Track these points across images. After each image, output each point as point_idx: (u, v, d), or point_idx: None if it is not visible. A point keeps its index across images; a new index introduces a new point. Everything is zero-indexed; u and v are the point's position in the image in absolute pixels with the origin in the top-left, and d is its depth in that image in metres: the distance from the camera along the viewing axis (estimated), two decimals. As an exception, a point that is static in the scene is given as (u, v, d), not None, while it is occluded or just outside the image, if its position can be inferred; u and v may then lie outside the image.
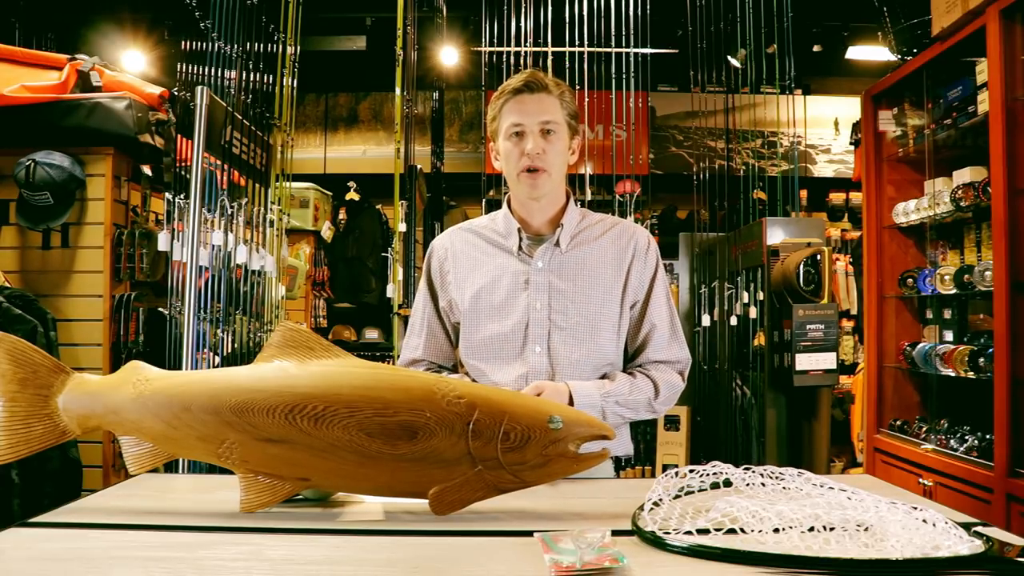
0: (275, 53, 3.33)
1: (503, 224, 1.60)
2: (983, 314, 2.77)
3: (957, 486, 2.45)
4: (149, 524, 1.05)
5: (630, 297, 1.56)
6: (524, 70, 1.56)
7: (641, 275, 1.57)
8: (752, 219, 4.00)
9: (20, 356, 1.11)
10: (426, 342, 1.65)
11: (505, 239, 1.58)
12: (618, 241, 1.58)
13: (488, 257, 1.59)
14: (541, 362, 1.50)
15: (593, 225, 1.60)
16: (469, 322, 1.56)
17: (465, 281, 1.58)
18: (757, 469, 1.13)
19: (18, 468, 2.30)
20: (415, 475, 1.07)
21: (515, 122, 1.49)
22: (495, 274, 1.56)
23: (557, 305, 1.52)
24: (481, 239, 1.61)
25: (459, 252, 1.61)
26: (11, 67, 2.86)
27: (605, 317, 1.53)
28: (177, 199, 2.72)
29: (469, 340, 1.57)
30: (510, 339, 1.52)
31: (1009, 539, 0.93)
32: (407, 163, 3.84)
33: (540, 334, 1.51)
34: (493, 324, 1.54)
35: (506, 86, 1.52)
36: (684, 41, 4.30)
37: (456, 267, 1.60)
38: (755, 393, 3.79)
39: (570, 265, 1.54)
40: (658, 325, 1.57)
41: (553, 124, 1.49)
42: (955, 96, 2.66)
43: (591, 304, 1.52)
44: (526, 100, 1.49)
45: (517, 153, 1.50)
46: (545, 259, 1.54)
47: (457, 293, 1.58)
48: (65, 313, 2.81)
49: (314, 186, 5.26)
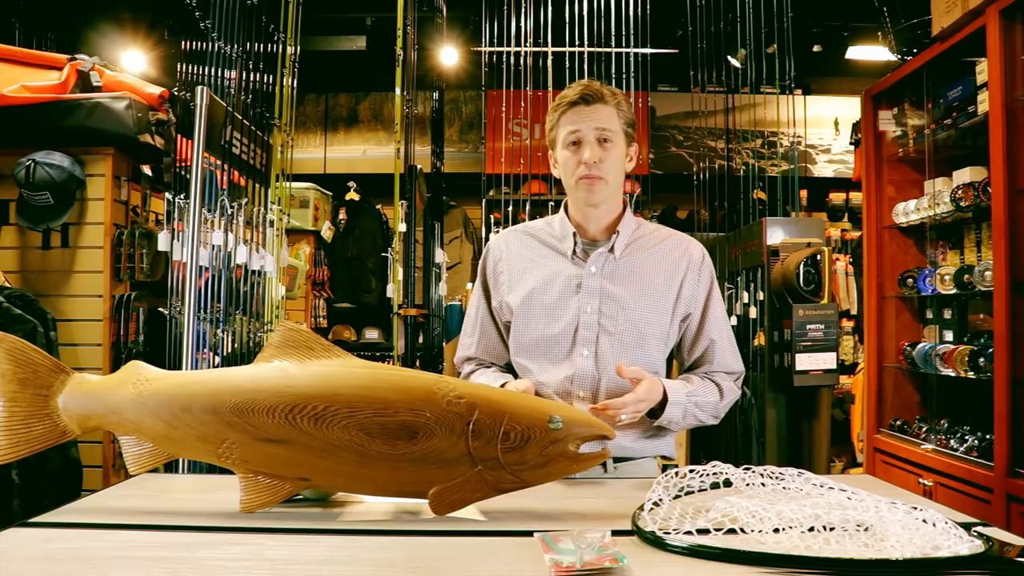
0: (275, 53, 3.33)
1: (559, 228, 1.61)
2: (983, 314, 2.77)
3: (957, 486, 2.45)
4: (149, 524, 1.05)
5: (681, 309, 1.57)
6: (580, 80, 1.58)
7: (695, 289, 1.58)
8: (752, 219, 4.00)
9: (20, 356, 1.11)
10: (479, 341, 1.67)
11: (560, 242, 1.60)
12: (672, 252, 1.59)
13: (542, 259, 1.60)
14: (588, 365, 1.51)
15: (648, 235, 1.61)
16: (520, 322, 1.57)
17: (518, 282, 1.59)
18: (757, 469, 1.13)
19: (18, 468, 2.30)
20: (415, 475, 1.07)
21: (572, 130, 1.51)
22: (548, 276, 1.57)
23: (607, 310, 1.52)
24: (536, 241, 1.63)
25: (514, 253, 1.63)
26: (11, 67, 2.85)
27: (654, 326, 1.53)
28: (177, 199, 2.71)
29: (519, 339, 1.58)
30: (559, 341, 1.53)
31: (1009, 539, 0.93)
32: (407, 163, 3.83)
33: (589, 338, 1.51)
34: (543, 325, 1.55)
35: (563, 98, 1.54)
36: (684, 41, 4.29)
37: (510, 267, 1.62)
38: (755, 393, 3.79)
39: (623, 272, 1.55)
40: (718, 340, 1.59)
41: (609, 133, 1.51)
42: (955, 96, 2.66)
43: (641, 312, 1.53)
44: (583, 111, 1.51)
45: (575, 161, 1.51)
46: (599, 264, 1.55)
47: (509, 294, 1.60)
48: (65, 313, 2.81)
49: (314, 186, 5.26)
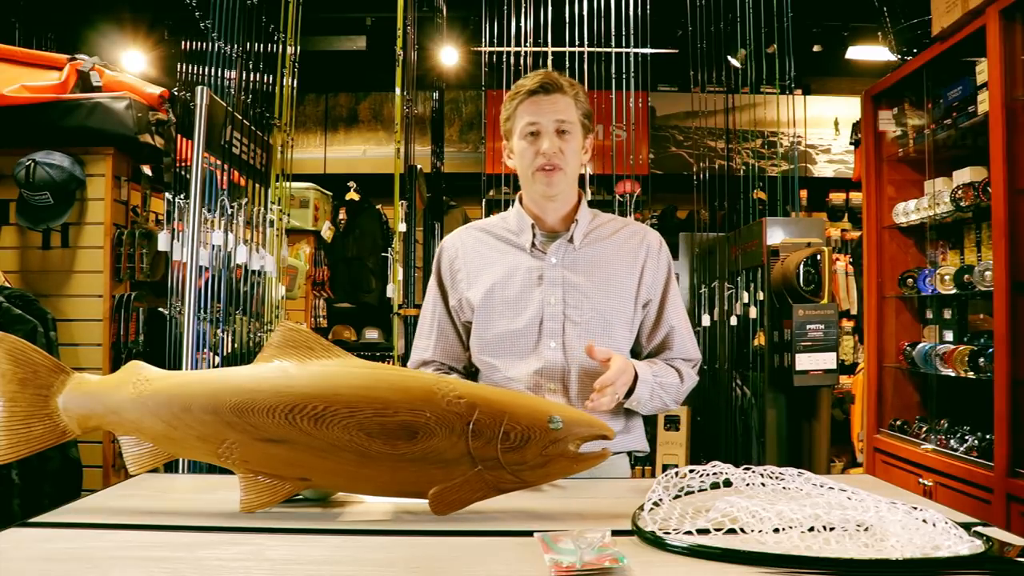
0: (275, 53, 3.33)
1: (515, 222, 1.60)
2: (983, 314, 2.77)
3: (957, 486, 2.45)
4: (149, 524, 1.05)
5: (643, 295, 1.57)
6: (538, 70, 1.56)
7: (655, 274, 1.59)
8: (752, 219, 4.00)
9: (20, 356, 1.11)
10: (436, 343, 1.63)
11: (518, 236, 1.58)
12: (631, 240, 1.59)
13: (500, 254, 1.58)
14: (556, 357, 1.50)
15: (605, 224, 1.61)
16: (482, 318, 1.55)
17: (477, 278, 1.57)
18: (757, 469, 1.13)
19: (18, 468, 2.30)
20: (415, 475, 1.07)
21: (531, 121, 1.49)
22: (508, 270, 1.55)
23: (571, 300, 1.51)
24: (492, 237, 1.61)
25: (470, 250, 1.61)
26: (11, 67, 2.86)
27: (619, 313, 1.54)
28: (177, 199, 2.72)
29: (482, 336, 1.56)
30: (524, 335, 1.52)
31: (1009, 539, 0.93)
32: (407, 163, 3.83)
33: (555, 329, 1.51)
34: (507, 320, 1.53)
35: (521, 86, 1.52)
36: (684, 41, 4.30)
37: (467, 265, 1.60)
38: (755, 393, 3.79)
39: (584, 261, 1.55)
40: (676, 327, 1.59)
41: (568, 124, 1.50)
42: (955, 96, 2.66)
43: (605, 300, 1.53)
44: (542, 101, 1.49)
45: (532, 152, 1.50)
46: (559, 255, 1.54)
47: (469, 290, 1.58)
48: (65, 313, 2.81)
49: (314, 186, 5.26)
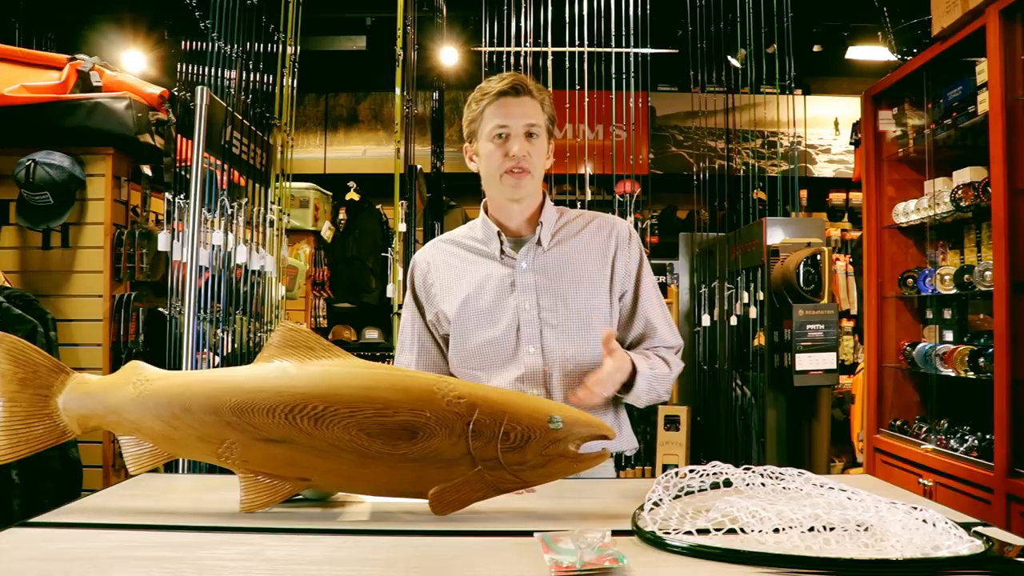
0: (275, 53, 3.33)
1: (482, 231, 1.59)
2: (983, 314, 2.77)
3: (957, 486, 2.45)
4: (149, 524, 1.05)
5: (618, 287, 1.56)
6: (503, 73, 1.56)
7: (627, 264, 1.57)
8: (752, 219, 4.00)
9: (20, 356, 1.11)
10: (419, 357, 1.63)
11: (486, 245, 1.58)
12: (599, 233, 1.58)
13: (470, 265, 1.58)
14: (536, 362, 1.50)
15: (572, 221, 1.60)
16: (459, 331, 1.55)
17: (450, 291, 1.57)
18: (757, 469, 1.13)
19: (18, 468, 2.30)
20: (415, 475, 1.07)
21: (500, 124, 1.48)
22: (480, 280, 1.55)
23: (546, 303, 1.51)
24: (461, 248, 1.61)
25: (441, 263, 1.61)
26: (11, 67, 2.85)
27: (596, 310, 1.53)
28: (177, 199, 2.72)
29: (461, 349, 1.55)
30: (502, 343, 1.51)
31: (1009, 539, 0.93)
32: (407, 163, 3.83)
33: (532, 334, 1.50)
34: (483, 330, 1.53)
35: (488, 88, 1.50)
36: (684, 41, 4.30)
37: (440, 279, 1.59)
38: (755, 393, 3.79)
39: (554, 262, 1.54)
40: (653, 317, 1.58)
41: (536, 128, 1.50)
42: (955, 96, 2.66)
43: (580, 299, 1.52)
44: (511, 103, 1.48)
45: (500, 154, 1.49)
46: (528, 259, 1.54)
47: (444, 304, 1.57)
48: (65, 313, 2.81)
49: (314, 186, 5.26)
